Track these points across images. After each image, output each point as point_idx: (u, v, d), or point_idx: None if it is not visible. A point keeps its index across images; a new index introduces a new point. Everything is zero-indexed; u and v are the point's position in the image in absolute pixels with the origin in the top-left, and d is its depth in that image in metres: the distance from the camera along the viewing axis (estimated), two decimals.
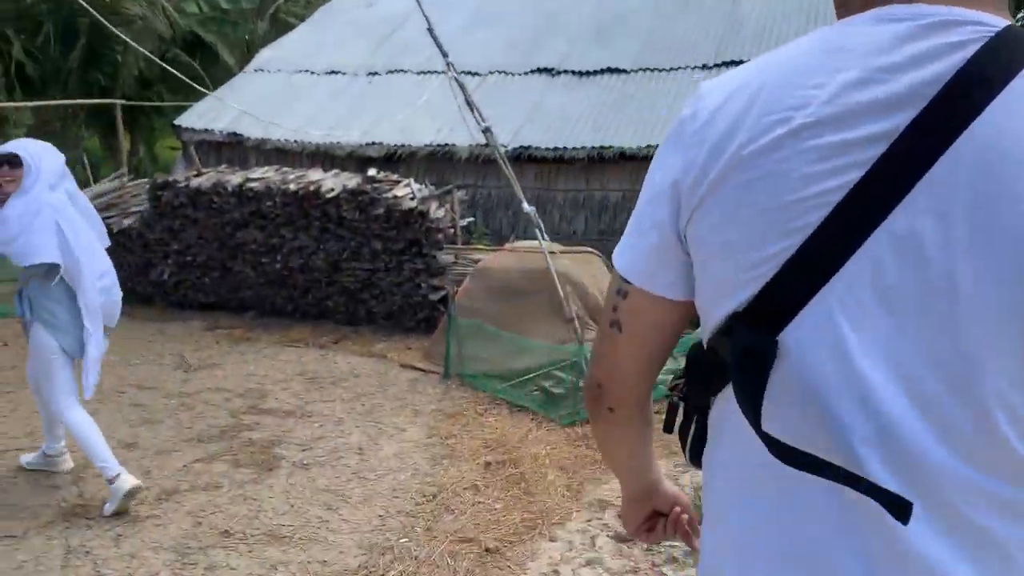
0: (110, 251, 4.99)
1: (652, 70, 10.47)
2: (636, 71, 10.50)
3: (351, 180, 8.41)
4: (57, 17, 16.04)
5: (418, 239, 8.16)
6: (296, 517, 4.61)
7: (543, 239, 6.89)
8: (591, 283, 7.21)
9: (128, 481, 4.58)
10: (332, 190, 8.24)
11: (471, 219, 9.19)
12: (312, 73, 12.19)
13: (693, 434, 1.16)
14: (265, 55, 13.29)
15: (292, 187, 8.38)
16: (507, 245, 8.09)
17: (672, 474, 4.91)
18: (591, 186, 9.43)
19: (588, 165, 9.32)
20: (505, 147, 9.43)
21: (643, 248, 1.06)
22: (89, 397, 4.58)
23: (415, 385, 6.81)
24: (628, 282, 1.07)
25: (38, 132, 17.13)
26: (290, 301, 8.85)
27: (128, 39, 12.24)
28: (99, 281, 4.58)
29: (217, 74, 17.33)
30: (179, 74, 9.46)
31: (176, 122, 11.64)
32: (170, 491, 4.98)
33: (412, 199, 8.15)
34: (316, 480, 5.09)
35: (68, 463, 5.22)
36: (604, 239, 9.23)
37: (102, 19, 8.20)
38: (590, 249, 7.83)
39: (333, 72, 12.05)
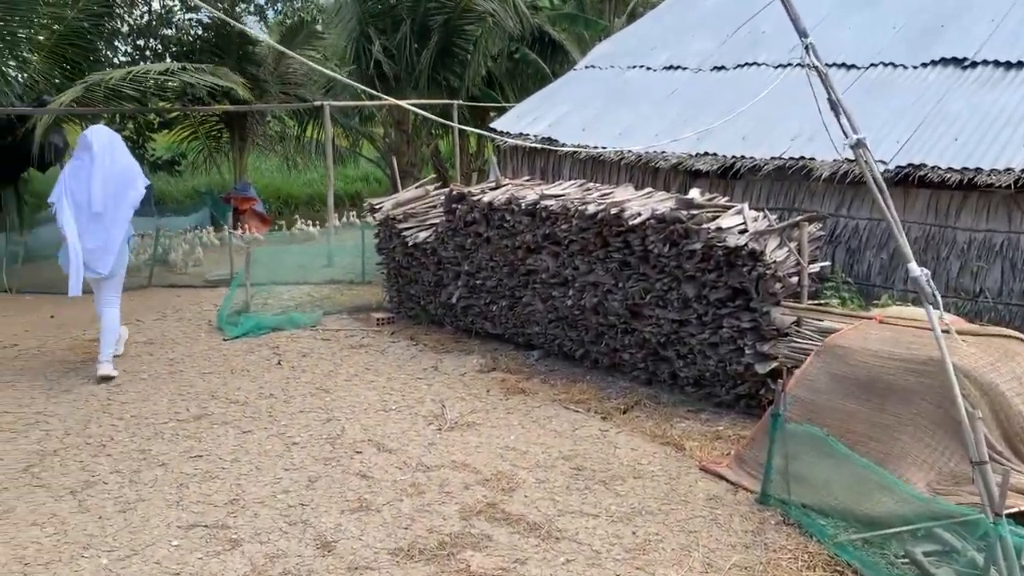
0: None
1: None
2: None
3: (663, 203, 6.51)
4: (415, 16, 16.15)
5: (746, 287, 6.03)
6: None
7: (936, 311, 4.37)
8: (1015, 392, 4.52)
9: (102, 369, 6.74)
10: (638, 215, 6.41)
11: (826, 263, 6.76)
12: (648, 69, 10.43)
13: None
14: (599, 50, 11.81)
15: (591, 209, 6.71)
16: (877, 312, 5.60)
17: None
18: (1015, 226, 6.47)
19: (1014, 195, 6.40)
20: (885, 165, 6.85)
21: None
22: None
23: (715, 509, 4.75)
24: None
25: (396, 130, 17.62)
26: (580, 346, 7.22)
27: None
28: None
29: (565, 72, 16.43)
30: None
31: (492, 125, 10.61)
32: None
33: (742, 232, 6.04)
34: None
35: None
36: None
37: None
38: (1015, 333, 5.05)
39: (671, 67, 10.17)
